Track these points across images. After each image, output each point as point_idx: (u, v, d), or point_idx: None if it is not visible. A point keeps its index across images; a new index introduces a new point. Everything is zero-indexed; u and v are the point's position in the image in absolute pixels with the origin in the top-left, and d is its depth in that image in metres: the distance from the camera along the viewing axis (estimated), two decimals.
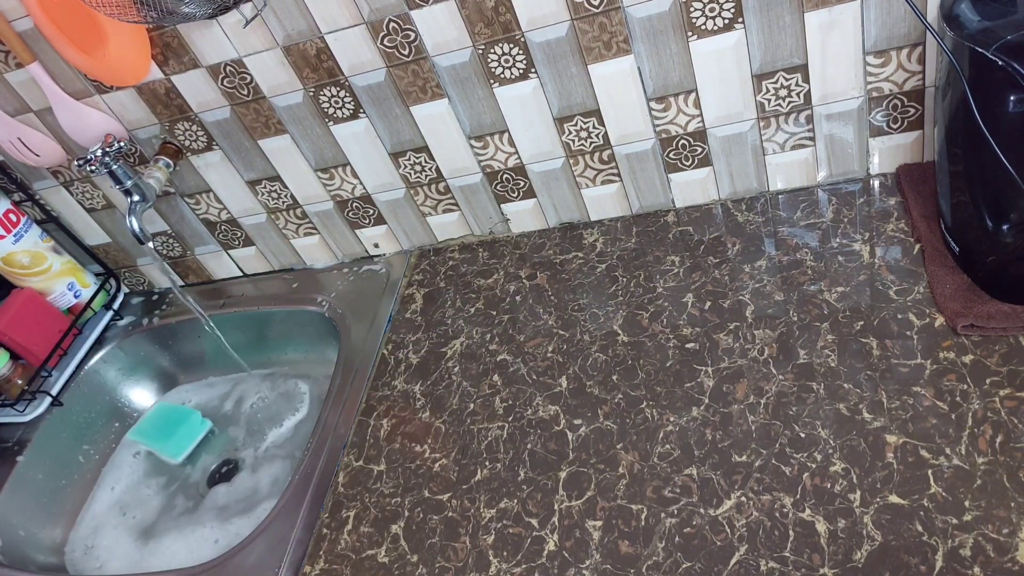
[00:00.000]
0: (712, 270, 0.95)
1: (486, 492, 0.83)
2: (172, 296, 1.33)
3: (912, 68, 0.86)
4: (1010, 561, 0.62)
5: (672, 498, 0.75)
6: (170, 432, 1.21)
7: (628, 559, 0.72)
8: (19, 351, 1.19)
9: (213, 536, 1.07)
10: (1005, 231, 0.75)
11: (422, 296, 1.10)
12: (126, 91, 1.05)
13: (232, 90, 1.01)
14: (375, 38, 0.93)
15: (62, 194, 1.23)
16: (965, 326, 0.77)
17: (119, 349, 1.29)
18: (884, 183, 0.96)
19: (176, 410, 1.25)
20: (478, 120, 1.00)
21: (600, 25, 0.88)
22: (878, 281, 0.86)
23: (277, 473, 1.11)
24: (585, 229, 1.09)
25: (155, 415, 1.26)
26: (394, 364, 1.02)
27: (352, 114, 1.02)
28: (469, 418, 0.91)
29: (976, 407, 0.72)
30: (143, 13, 0.81)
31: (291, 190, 1.14)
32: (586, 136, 0.99)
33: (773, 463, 0.74)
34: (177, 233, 1.26)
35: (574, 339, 0.94)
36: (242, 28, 0.93)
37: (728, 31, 0.86)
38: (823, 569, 0.66)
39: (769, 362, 0.83)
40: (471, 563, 0.77)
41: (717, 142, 0.97)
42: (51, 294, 1.24)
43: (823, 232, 0.93)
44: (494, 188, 1.08)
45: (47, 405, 1.19)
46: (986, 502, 0.66)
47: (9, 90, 1.08)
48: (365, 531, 0.85)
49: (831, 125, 0.93)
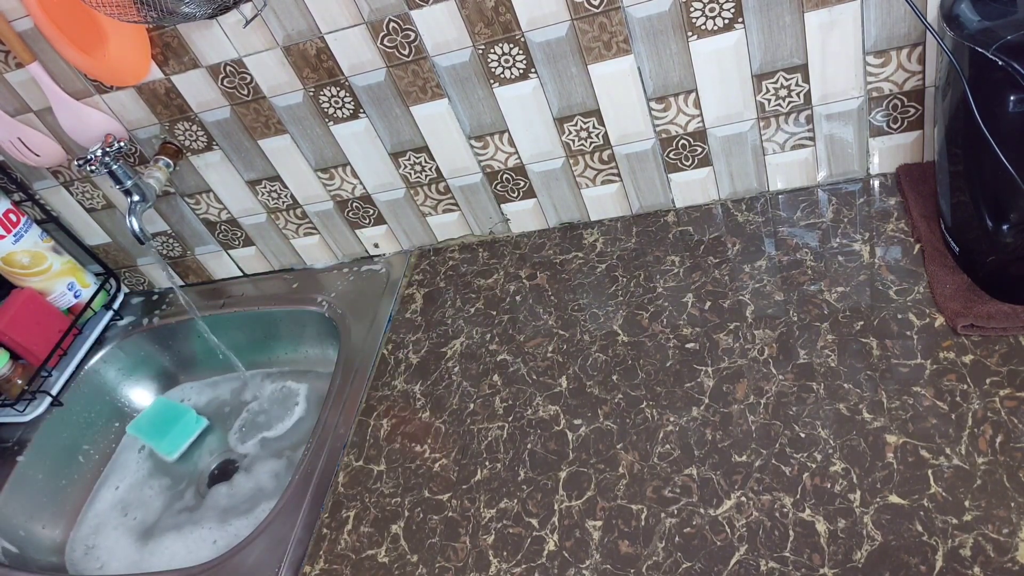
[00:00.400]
0: (712, 270, 0.95)
1: (486, 492, 0.83)
2: (172, 296, 1.33)
3: (912, 68, 0.86)
4: (1010, 561, 0.62)
5: (672, 498, 0.75)
6: (166, 429, 1.21)
7: (628, 559, 0.72)
8: (19, 351, 1.19)
9: (212, 536, 1.07)
10: (1005, 231, 0.75)
11: (422, 296, 1.10)
12: (126, 91, 1.05)
13: (232, 90, 1.01)
14: (375, 38, 0.93)
15: (62, 194, 1.23)
16: (965, 326, 0.77)
17: (119, 349, 1.29)
18: (884, 183, 0.96)
19: (173, 408, 1.25)
20: (478, 120, 1.00)
21: (600, 25, 0.88)
22: (878, 281, 0.86)
23: (277, 473, 1.11)
24: (585, 229, 1.09)
25: (153, 411, 1.26)
26: (394, 364, 1.02)
27: (352, 114, 1.02)
28: (469, 418, 0.91)
29: (976, 407, 0.72)
30: (143, 13, 0.81)
31: (291, 190, 1.14)
32: (586, 136, 0.99)
33: (773, 463, 0.74)
34: (177, 233, 1.26)
35: (574, 339, 0.94)
36: (242, 28, 0.93)
37: (728, 31, 0.86)
38: (823, 569, 0.66)
39: (769, 362, 0.83)
40: (471, 563, 0.77)
41: (717, 142, 0.97)
42: (51, 294, 1.24)
43: (823, 232, 0.93)
44: (494, 188, 1.08)
45: (47, 405, 1.19)
46: (986, 502, 0.66)
47: (9, 90, 1.08)
48: (365, 531, 0.85)
49: (831, 125, 0.93)
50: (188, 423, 1.22)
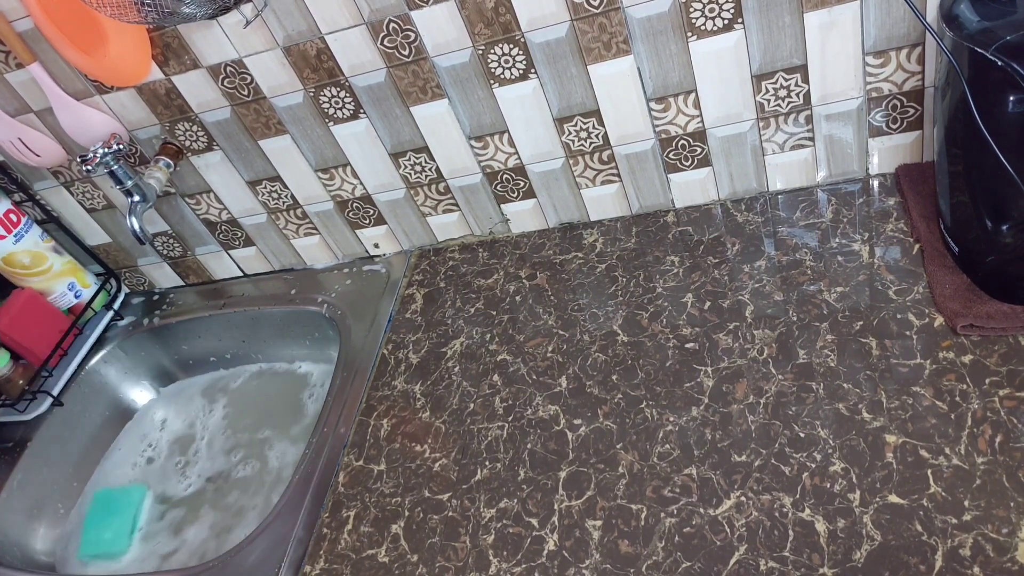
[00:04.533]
0: (712, 270, 0.95)
1: (486, 492, 0.83)
2: (172, 296, 1.33)
3: (912, 68, 0.86)
4: (1010, 561, 0.62)
5: (672, 498, 0.75)
6: (105, 527, 1.11)
7: (628, 559, 0.72)
8: (20, 351, 1.19)
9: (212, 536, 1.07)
10: (1004, 231, 0.75)
11: (422, 296, 1.11)
12: (126, 91, 1.05)
13: (232, 90, 1.02)
14: (375, 38, 0.93)
15: (62, 194, 1.23)
16: (964, 326, 0.77)
17: (120, 349, 1.29)
18: (883, 183, 0.96)
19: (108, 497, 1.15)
20: (478, 120, 1.00)
21: (600, 25, 0.88)
22: (877, 281, 0.86)
23: (277, 473, 1.11)
24: (585, 229, 1.09)
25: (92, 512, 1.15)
26: (394, 364, 1.02)
27: (352, 114, 1.02)
28: (469, 418, 0.91)
29: (976, 407, 0.72)
30: (144, 13, 0.81)
31: (291, 190, 1.14)
32: (586, 136, 0.99)
33: (773, 463, 0.74)
34: (177, 233, 1.26)
35: (574, 339, 0.94)
36: (242, 28, 0.93)
37: (728, 31, 0.86)
38: (823, 569, 0.66)
39: (769, 362, 0.83)
40: (471, 563, 0.77)
41: (717, 142, 0.97)
42: (52, 294, 1.25)
43: (823, 232, 0.93)
44: (494, 188, 1.08)
45: (48, 405, 1.19)
46: (985, 502, 0.66)
47: (9, 90, 1.08)
48: (365, 531, 0.85)
49: (830, 125, 0.93)
50: (127, 506, 1.13)
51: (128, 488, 1.16)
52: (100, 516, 1.14)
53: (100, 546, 1.10)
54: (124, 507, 1.13)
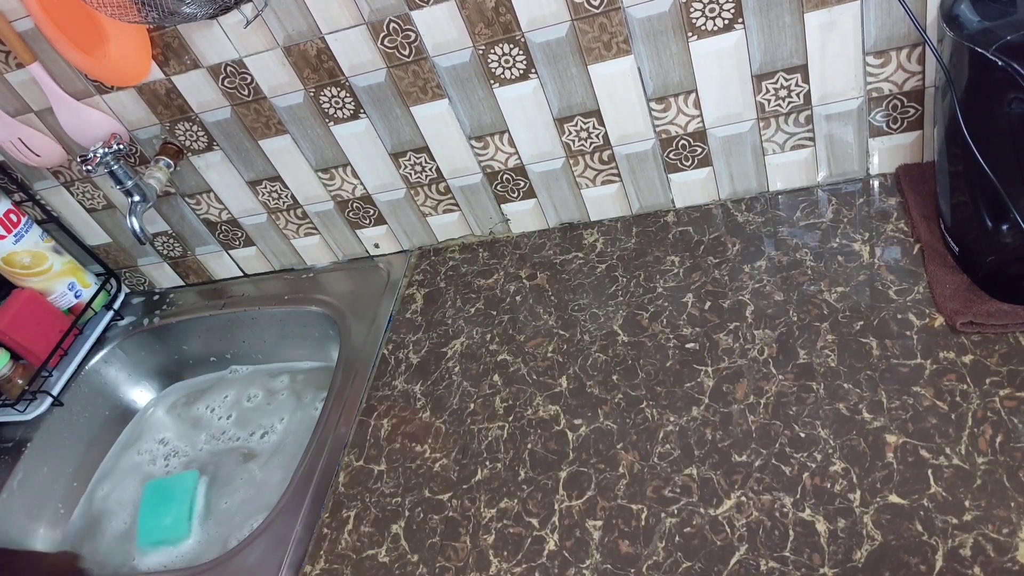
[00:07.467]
0: (712, 270, 0.95)
1: (486, 492, 0.83)
2: (173, 296, 1.33)
3: (912, 68, 0.86)
4: (1010, 561, 0.62)
5: (672, 498, 0.75)
6: (163, 515, 1.12)
7: (628, 559, 0.72)
8: (20, 351, 1.19)
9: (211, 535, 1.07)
10: (1004, 231, 0.75)
11: (422, 296, 1.11)
12: (127, 91, 1.05)
13: (233, 90, 1.02)
14: (375, 38, 0.93)
15: (63, 194, 1.23)
16: (965, 323, 0.77)
17: (120, 349, 1.29)
18: (884, 183, 0.96)
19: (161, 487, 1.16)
20: (478, 120, 1.00)
21: (600, 25, 0.88)
22: (878, 281, 0.86)
23: (277, 473, 1.11)
24: (585, 229, 1.09)
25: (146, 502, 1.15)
26: (394, 364, 1.02)
27: (352, 114, 1.02)
28: (469, 418, 0.91)
29: (976, 407, 0.72)
30: (144, 13, 0.81)
31: (291, 190, 1.14)
32: (586, 136, 0.99)
33: (773, 463, 0.74)
34: (178, 233, 1.26)
35: (574, 339, 0.94)
36: (243, 28, 0.93)
37: (728, 31, 0.86)
38: (823, 569, 0.66)
39: (769, 362, 0.83)
40: (471, 563, 0.77)
41: (717, 142, 0.97)
42: (52, 294, 1.25)
43: (823, 232, 0.93)
44: (494, 188, 1.08)
45: (48, 405, 1.19)
46: (986, 502, 0.66)
47: (10, 90, 1.08)
48: (365, 531, 0.85)
49: (831, 125, 0.93)
50: (182, 493, 1.13)
51: (181, 475, 1.17)
52: (155, 505, 1.14)
53: (161, 533, 1.11)
54: (180, 493, 1.14)
